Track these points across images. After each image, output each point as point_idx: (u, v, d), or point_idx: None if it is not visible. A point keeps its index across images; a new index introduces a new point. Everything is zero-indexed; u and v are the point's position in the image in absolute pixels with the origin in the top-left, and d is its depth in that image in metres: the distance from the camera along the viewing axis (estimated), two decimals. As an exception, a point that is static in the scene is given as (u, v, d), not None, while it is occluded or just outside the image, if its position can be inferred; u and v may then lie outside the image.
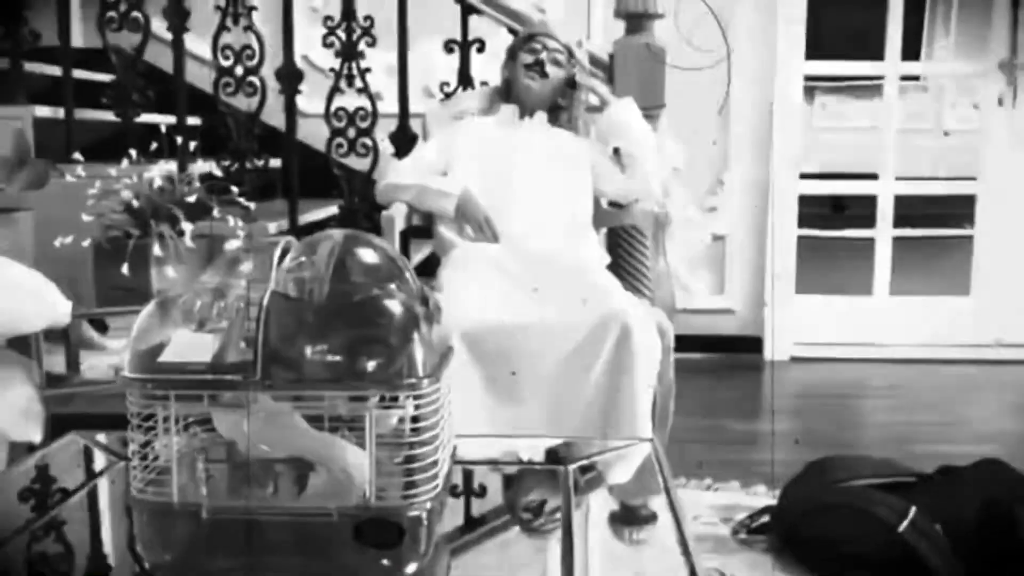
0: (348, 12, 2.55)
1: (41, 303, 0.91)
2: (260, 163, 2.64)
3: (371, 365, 0.87)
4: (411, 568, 0.88)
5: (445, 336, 1.01)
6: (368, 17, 2.56)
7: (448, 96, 2.63)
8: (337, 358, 0.87)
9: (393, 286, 0.91)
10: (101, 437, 1.33)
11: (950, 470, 2.09)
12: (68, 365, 2.11)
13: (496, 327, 1.85)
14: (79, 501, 1.18)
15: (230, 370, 0.85)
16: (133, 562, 0.97)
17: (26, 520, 1.12)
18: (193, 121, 2.77)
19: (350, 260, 0.92)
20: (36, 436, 0.92)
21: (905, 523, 1.88)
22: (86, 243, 2.08)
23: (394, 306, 0.88)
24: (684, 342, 2.36)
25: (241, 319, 0.88)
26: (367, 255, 0.92)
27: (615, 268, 2.60)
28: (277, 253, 0.92)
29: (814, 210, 4.14)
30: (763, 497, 2.34)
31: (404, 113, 2.67)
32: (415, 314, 0.88)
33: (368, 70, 2.57)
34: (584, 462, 1.18)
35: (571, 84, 2.38)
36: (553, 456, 1.23)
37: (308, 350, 0.87)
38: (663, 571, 1.01)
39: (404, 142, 2.62)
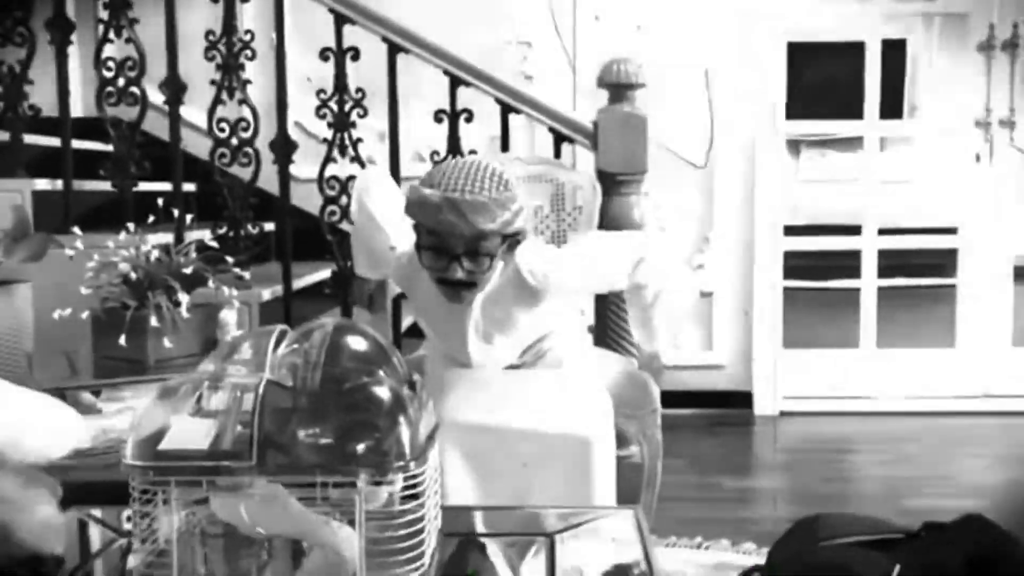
0: (340, 85, 2.63)
1: (62, 435, 0.96)
2: (255, 230, 2.70)
3: (360, 448, 0.91)
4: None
5: (431, 414, 1.05)
6: (360, 89, 2.64)
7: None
8: (328, 441, 0.92)
9: (381, 372, 0.95)
10: (98, 513, 1.36)
11: (935, 527, 2.11)
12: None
13: (464, 428, 1.73)
14: (78, 578, 1.21)
15: (227, 456, 0.89)
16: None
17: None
18: (189, 187, 2.83)
19: (341, 347, 0.96)
20: (59, 548, 0.96)
21: (890, 582, 1.91)
22: (84, 315, 2.12)
23: (382, 392, 0.93)
24: (673, 398, 2.39)
25: (237, 405, 0.93)
26: (356, 343, 0.97)
27: (601, 328, 2.65)
28: (272, 341, 0.96)
29: (801, 263, 4.21)
30: (753, 556, 2.37)
31: (395, 179, 2.73)
32: (401, 399, 0.93)
33: (360, 140, 2.65)
34: (568, 532, 1.21)
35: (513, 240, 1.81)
36: (537, 525, 1.26)
37: (301, 434, 0.91)
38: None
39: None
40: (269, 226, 3.06)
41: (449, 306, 1.85)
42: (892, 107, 5.28)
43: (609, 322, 2.61)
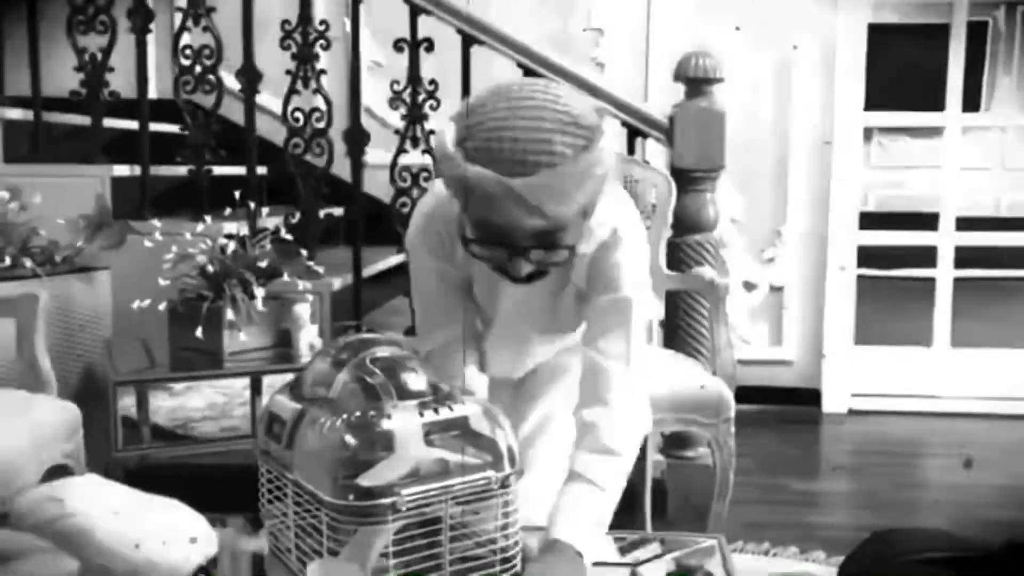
0: (414, 77, 2.61)
1: (195, 548, 0.97)
2: (324, 217, 2.72)
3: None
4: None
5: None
6: (432, 81, 2.62)
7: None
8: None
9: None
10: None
11: (1018, 547, 2.04)
12: (139, 409, 2.18)
13: None
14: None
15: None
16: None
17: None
18: (262, 170, 2.84)
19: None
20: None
21: (969, 605, 1.85)
22: (162, 306, 2.15)
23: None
24: (740, 393, 2.33)
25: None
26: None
27: (671, 328, 2.60)
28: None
29: (873, 251, 4.06)
30: (822, 564, 2.32)
31: (466, 171, 2.72)
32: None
33: (432, 132, 2.63)
34: (652, 562, 1.19)
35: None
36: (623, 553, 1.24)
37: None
38: None
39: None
40: (338, 211, 3.08)
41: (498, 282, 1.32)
42: (970, 91, 5.08)
43: (680, 322, 2.56)
